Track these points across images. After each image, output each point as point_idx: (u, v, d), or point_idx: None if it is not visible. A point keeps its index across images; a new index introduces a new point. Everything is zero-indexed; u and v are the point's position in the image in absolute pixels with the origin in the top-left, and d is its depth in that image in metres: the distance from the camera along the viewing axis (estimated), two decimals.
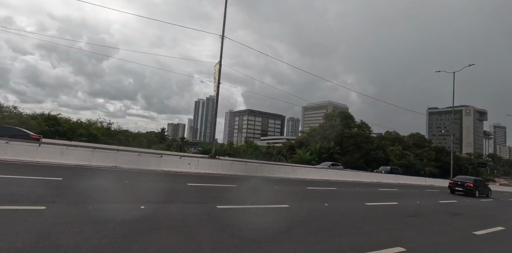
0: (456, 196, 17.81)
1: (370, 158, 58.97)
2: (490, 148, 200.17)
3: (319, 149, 48.88)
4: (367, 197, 12.90)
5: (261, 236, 4.62)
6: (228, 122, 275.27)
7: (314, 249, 4.24)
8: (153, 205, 6.15)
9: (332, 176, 20.40)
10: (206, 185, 10.73)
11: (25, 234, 3.54)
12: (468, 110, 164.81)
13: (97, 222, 4.41)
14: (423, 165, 60.80)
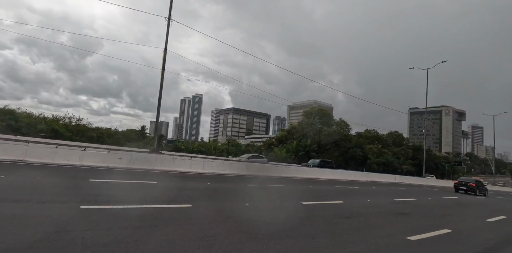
0: (414, 194, 16.60)
1: (348, 156, 58.32)
2: (468, 148, 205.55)
3: (296, 146, 47.63)
4: (312, 195, 11.43)
5: None
6: (214, 121, 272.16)
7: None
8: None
9: (293, 173, 18.91)
10: (114, 182, 8.93)
11: None
12: (448, 110, 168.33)
13: None
14: (400, 163, 60.66)
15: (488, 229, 7.84)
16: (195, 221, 5.14)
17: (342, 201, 10.09)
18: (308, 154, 47.16)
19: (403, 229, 6.58)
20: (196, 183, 11.36)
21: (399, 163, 60.20)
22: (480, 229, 7.78)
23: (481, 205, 15.56)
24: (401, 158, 60.95)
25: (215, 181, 12.37)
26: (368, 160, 57.56)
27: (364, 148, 59.14)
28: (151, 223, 4.67)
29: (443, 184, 39.94)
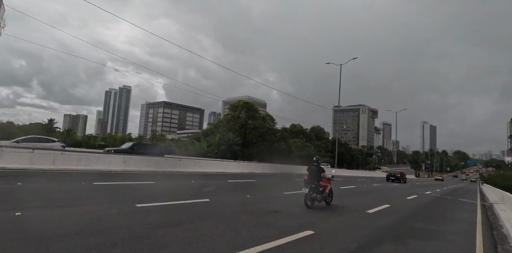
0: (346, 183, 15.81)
1: (274, 150, 58.63)
2: (380, 141, 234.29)
3: (219, 140, 45.26)
4: (174, 193, 8.93)
5: None
6: (144, 115, 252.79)
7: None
8: None
9: (190, 167, 16.26)
10: None
11: None
12: (364, 109, 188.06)
13: None
14: (320, 155, 63.75)
15: (410, 202, 11.90)
16: None
17: (207, 199, 7.84)
18: (231, 148, 45.30)
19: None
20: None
21: (319, 156, 63.29)
22: (405, 203, 11.56)
23: (404, 189, 20.29)
24: (322, 151, 64.19)
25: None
26: (292, 154, 58.78)
27: (289, 142, 60.28)
28: None
29: (356, 174, 42.68)
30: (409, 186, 26.02)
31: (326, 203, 8.80)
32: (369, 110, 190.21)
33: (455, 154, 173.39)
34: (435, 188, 25.27)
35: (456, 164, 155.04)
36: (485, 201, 16.81)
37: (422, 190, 21.20)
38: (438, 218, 8.79)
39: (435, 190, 22.89)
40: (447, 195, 18.11)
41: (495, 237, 7.14)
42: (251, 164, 20.48)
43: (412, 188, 22.92)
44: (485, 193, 23.72)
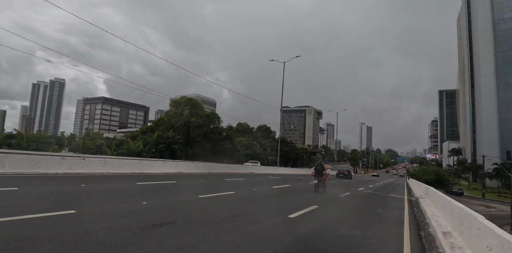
0: (280, 183, 14.32)
1: (218, 149, 56.48)
2: (324, 141, 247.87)
3: (157, 138, 41.49)
4: (35, 202, 6.43)
5: None
6: (80, 111, 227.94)
7: None
8: None
9: (94, 168, 13.33)
10: None
11: None
12: (310, 110, 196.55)
13: None
14: (266, 154, 63.53)
15: (341, 201, 11.53)
16: None
17: (73, 210, 5.51)
18: (170, 147, 41.89)
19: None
20: None
21: (265, 155, 62.95)
22: (335, 203, 10.95)
23: (339, 186, 20.51)
24: (268, 150, 64.06)
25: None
26: (237, 152, 57.34)
27: (234, 141, 58.73)
28: None
29: (296, 172, 42.85)
30: (348, 182, 27.59)
31: (322, 189, 13.51)
32: (315, 111, 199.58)
33: (387, 152, 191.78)
34: (369, 184, 26.02)
35: (387, 161, 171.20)
36: (412, 195, 17.16)
37: (356, 186, 21.35)
38: (366, 220, 7.82)
39: (368, 186, 23.34)
40: (378, 191, 18.21)
41: (423, 239, 6.32)
42: (180, 164, 18.15)
43: (349, 184, 23.08)
44: (411, 187, 25.03)
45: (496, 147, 70.78)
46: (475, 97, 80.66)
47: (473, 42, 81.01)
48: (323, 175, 13.50)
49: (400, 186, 29.43)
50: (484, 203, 48.54)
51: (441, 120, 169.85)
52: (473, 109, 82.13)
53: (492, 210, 44.71)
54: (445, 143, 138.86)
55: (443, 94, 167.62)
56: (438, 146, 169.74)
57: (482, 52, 76.74)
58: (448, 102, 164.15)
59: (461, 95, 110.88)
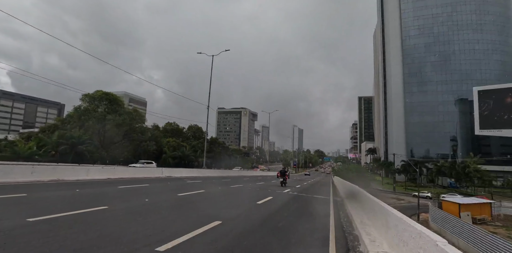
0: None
1: (141, 151, 50.26)
2: (259, 142, 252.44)
3: (58, 139, 33.91)
4: None
5: None
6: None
7: None
8: None
9: None
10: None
11: None
12: (245, 111, 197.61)
13: None
14: (196, 156, 59.44)
15: (256, 211, 8.91)
16: None
17: None
18: (76, 148, 34.72)
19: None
20: None
21: (195, 156, 58.77)
22: (248, 214, 8.26)
23: (264, 188, 18.05)
24: (199, 151, 60.01)
25: None
26: (164, 154, 51.97)
27: (160, 142, 53.18)
28: None
29: (226, 174, 40.23)
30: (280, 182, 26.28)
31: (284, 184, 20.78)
32: (250, 113, 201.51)
33: (315, 152, 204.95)
34: (297, 184, 24.90)
35: (316, 161, 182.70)
36: (337, 195, 16.03)
37: (283, 187, 19.73)
38: (281, 242, 5.42)
39: (295, 186, 22.04)
40: (304, 192, 16.66)
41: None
42: (59, 168, 13.56)
43: (278, 185, 21.19)
44: (337, 186, 24.81)
45: (403, 146, 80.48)
46: (387, 103, 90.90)
47: (386, 55, 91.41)
48: (285, 175, 21.62)
49: (326, 185, 29.37)
50: (395, 196, 54.00)
51: (360, 123, 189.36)
52: (385, 113, 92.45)
53: (402, 202, 49.82)
54: (363, 144, 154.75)
55: (361, 100, 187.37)
56: (357, 146, 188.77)
57: (393, 63, 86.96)
58: (365, 107, 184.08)
59: (376, 101, 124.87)
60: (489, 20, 78.93)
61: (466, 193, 56.95)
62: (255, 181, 25.83)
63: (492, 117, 38.98)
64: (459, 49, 79.53)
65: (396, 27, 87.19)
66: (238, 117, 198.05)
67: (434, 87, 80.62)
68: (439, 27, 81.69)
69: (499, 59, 77.99)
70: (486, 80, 77.57)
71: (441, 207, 34.72)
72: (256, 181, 25.53)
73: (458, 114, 78.65)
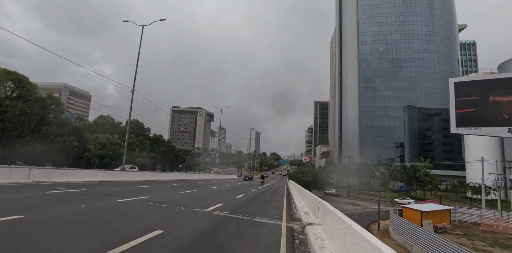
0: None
1: (57, 148, 39.66)
2: (215, 144, 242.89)
3: None
4: None
5: None
6: None
7: None
8: None
9: None
10: None
11: None
12: (202, 111, 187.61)
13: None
14: (133, 156, 49.94)
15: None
16: None
17: None
18: None
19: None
20: None
21: (131, 156, 49.22)
22: None
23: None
24: (136, 150, 50.55)
25: None
26: (87, 152, 41.84)
27: (85, 137, 42.93)
28: None
29: (166, 177, 32.40)
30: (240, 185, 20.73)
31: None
32: (207, 113, 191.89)
33: (271, 155, 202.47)
34: (238, 193, 18.52)
35: (272, 164, 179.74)
36: (294, 216, 9.94)
37: (223, 196, 13.27)
38: None
39: (236, 197, 15.60)
40: (240, 212, 10.11)
41: None
42: None
43: (228, 191, 14.63)
44: (292, 194, 19.05)
45: (357, 150, 79.57)
46: (342, 107, 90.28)
47: (343, 59, 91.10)
48: (264, 178, 40.69)
49: (279, 193, 23.57)
50: (350, 201, 50.96)
51: (315, 127, 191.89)
52: (340, 117, 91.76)
53: (358, 207, 46.65)
54: (318, 147, 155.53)
55: (317, 105, 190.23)
56: (312, 150, 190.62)
57: (350, 67, 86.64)
58: (321, 112, 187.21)
59: (331, 106, 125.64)
60: (436, 32, 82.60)
61: (416, 197, 56.29)
62: (170, 190, 18.64)
63: (471, 113, 36.73)
64: (410, 57, 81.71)
65: (353, 32, 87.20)
66: (193, 117, 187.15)
67: (386, 92, 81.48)
68: (393, 35, 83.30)
69: (444, 69, 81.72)
70: (432, 89, 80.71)
71: (401, 214, 31.28)
72: (171, 190, 18.47)
73: (407, 120, 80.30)
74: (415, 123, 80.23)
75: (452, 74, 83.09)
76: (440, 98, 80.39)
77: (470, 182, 55.76)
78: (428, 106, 79.87)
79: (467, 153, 64.49)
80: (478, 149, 60.61)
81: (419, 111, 79.93)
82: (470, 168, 62.55)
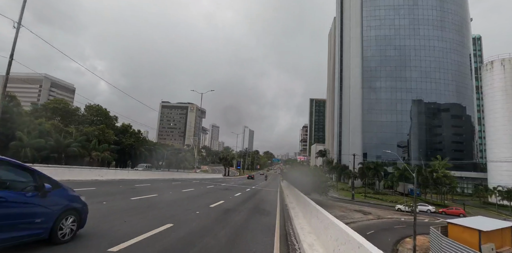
0: None
1: None
2: (207, 142, 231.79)
3: None
4: None
5: None
6: None
7: None
8: None
9: None
10: None
11: None
12: (192, 107, 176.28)
13: None
14: (89, 149, 39.02)
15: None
16: None
17: None
18: None
19: None
20: None
21: (86, 149, 38.35)
22: None
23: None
24: (93, 141, 39.65)
25: None
26: (15, 142, 30.81)
27: (17, 122, 31.90)
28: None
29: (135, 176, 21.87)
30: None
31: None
32: (198, 109, 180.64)
33: (265, 154, 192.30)
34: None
35: (265, 162, 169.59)
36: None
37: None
38: None
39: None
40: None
41: None
42: None
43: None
44: (289, 206, 8.95)
45: (359, 147, 69.75)
46: (342, 100, 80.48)
47: (344, 46, 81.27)
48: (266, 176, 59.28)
49: (269, 201, 13.41)
50: (357, 207, 41.03)
51: (310, 125, 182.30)
52: (340, 111, 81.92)
53: (370, 217, 36.73)
54: (313, 146, 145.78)
55: (313, 102, 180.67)
56: (307, 149, 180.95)
57: (352, 54, 76.81)
58: (316, 110, 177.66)
59: (329, 102, 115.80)
60: (448, 18, 73.30)
61: (435, 202, 46.57)
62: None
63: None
64: (419, 45, 72.19)
65: (357, 16, 77.36)
66: (184, 113, 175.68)
67: (393, 83, 71.81)
68: (400, 19, 73.69)
69: (456, 59, 72.46)
70: (444, 80, 71.36)
71: (446, 232, 21.44)
72: None
73: (416, 114, 70.80)
74: (422, 119, 70.80)
75: (464, 65, 74.06)
76: (451, 91, 71.12)
77: (499, 186, 46.20)
78: (438, 100, 70.51)
79: (490, 152, 54.99)
80: (503, 147, 51.21)
81: (428, 105, 70.50)
82: (493, 169, 53.14)
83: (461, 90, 71.67)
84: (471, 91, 74.13)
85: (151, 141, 65.36)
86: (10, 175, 3.54)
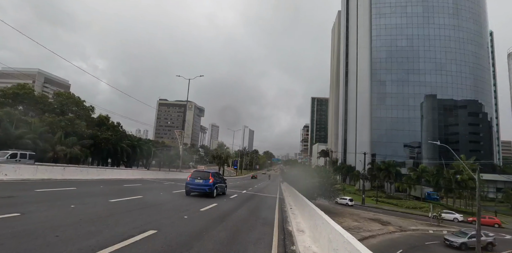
0: None
1: None
2: (205, 141, 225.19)
3: None
4: None
5: None
6: None
7: None
8: None
9: None
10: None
11: None
12: (191, 105, 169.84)
13: None
14: (52, 142, 32.34)
15: None
16: None
17: None
18: None
19: None
20: None
21: (49, 143, 31.66)
22: None
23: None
24: (59, 133, 33.00)
25: None
26: None
27: None
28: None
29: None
30: None
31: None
32: (196, 108, 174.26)
33: (264, 153, 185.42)
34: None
35: (264, 162, 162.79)
36: None
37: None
38: None
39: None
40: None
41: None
42: None
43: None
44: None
45: (367, 145, 62.81)
46: (348, 95, 73.74)
47: (350, 38, 74.63)
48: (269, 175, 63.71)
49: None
50: (372, 215, 34.20)
51: (312, 125, 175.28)
52: (345, 107, 75.13)
53: (390, 228, 29.97)
54: (315, 145, 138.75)
55: (315, 101, 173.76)
56: (308, 149, 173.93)
57: (360, 46, 70.10)
58: (318, 109, 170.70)
59: (332, 100, 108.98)
60: (465, 6, 66.50)
61: (459, 209, 39.64)
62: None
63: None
64: (434, 35, 65.35)
65: (365, 2, 70.61)
66: (182, 111, 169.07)
67: (405, 76, 64.96)
68: (413, 7, 66.91)
69: (473, 50, 65.62)
70: (461, 73, 64.51)
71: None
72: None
73: (430, 111, 63.91)
74: (436, 115, 63.95)
75: (483, 58, 67.20)
76: (469, 85, 64.24)
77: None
78: (454, 94, 63.61)
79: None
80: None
81: (442, 102, 63.56)
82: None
83: (479, 84, 64.80)
84: (489, 86, 67.33)
85: (135, 136, 58.68)
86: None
